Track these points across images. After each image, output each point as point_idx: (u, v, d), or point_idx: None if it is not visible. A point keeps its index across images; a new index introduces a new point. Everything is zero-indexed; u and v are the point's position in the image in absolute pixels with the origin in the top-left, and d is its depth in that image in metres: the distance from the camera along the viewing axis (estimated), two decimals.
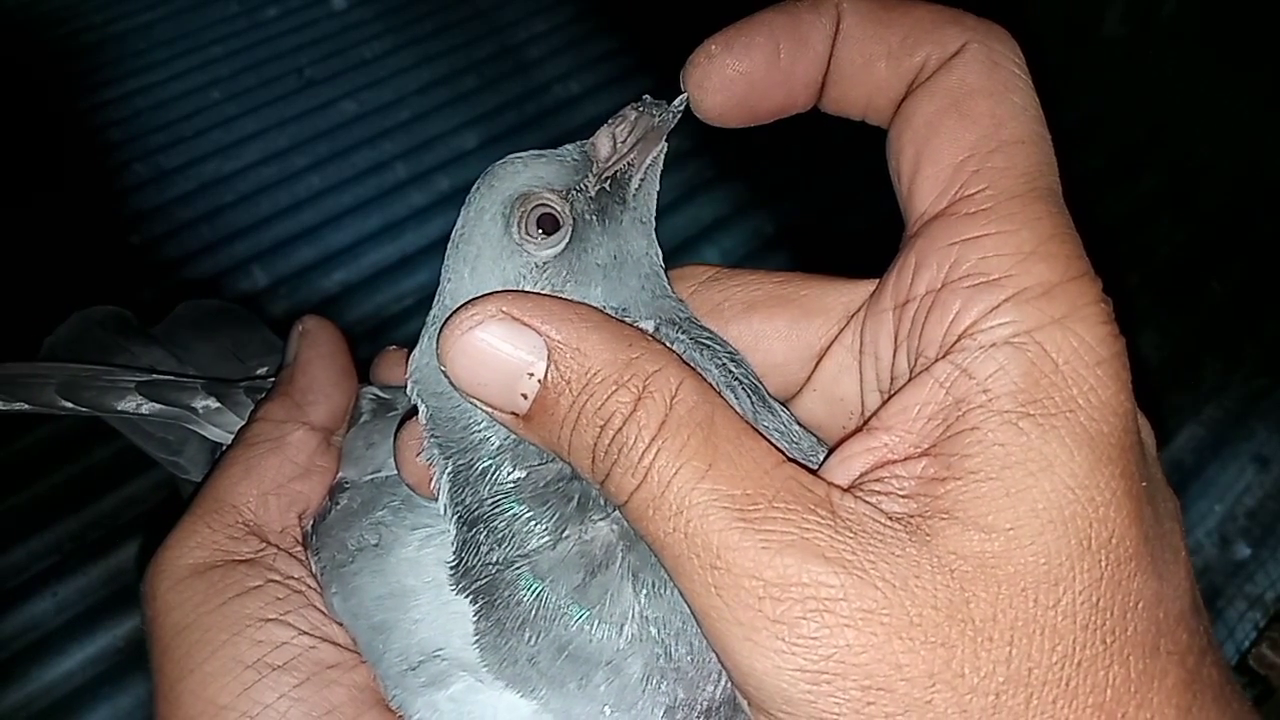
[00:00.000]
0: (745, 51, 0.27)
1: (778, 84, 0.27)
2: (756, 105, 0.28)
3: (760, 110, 0.28)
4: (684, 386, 0.24)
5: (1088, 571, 0.22)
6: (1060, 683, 0.21)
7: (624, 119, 0.29)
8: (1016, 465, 0.22)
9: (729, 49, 0.27)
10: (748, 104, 0.28)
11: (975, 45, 0.26)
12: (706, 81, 0.27)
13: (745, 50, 0.27)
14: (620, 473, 0.24)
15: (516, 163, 0.30)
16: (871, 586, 0.21)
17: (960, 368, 0.23)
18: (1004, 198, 0.24)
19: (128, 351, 0.44)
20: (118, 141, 1.19)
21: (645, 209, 0.30)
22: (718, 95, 0.27)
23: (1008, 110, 0.25)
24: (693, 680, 0.27)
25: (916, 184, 0.25)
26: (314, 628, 0.31)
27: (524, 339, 0.25)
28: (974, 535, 0.22)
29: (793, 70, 0.27)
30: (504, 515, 0.28)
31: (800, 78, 0.27)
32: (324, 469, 0.34)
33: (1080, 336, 0.23)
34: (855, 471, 0.24)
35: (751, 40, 0.27)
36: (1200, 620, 0.24)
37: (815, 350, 0.29)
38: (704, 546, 0.22)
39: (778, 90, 0.27)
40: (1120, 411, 0.23)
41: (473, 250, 0.30)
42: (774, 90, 0.27)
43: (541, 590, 0.27)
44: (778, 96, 0.27)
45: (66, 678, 0.78)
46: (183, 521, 0.33)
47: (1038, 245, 0.23)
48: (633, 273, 0.30)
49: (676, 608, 0.26)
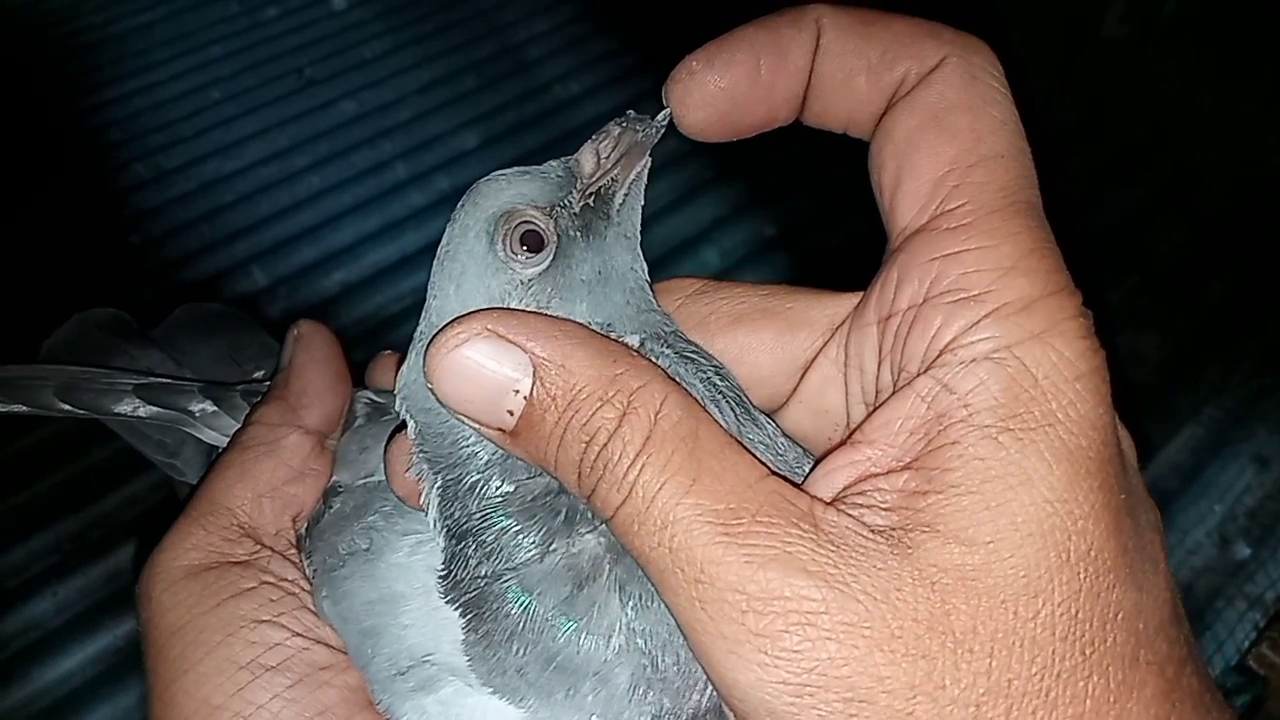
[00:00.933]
0: (726, 68, 0.27)
1: (759, 99, 0.27)
2: (738, 120, 0.28)
3: (742, 125, 0.28)
4: (668, 402, 0.24)
5: (1067, 584, 0.22)
6: (1040, 693, 0.21)
7: (607, 134, 0.29)
8: (996, 479, 0.22)
9: (710, 65, 0.27)
10: (730, 119, 0.28)
11: (954, 59, 0.26)
12: (688, 98, 0.27)
13: (726, 66, 0.27)
14: (606, 488, 0.24)
15: (500, 180, 0.30)
16: (853, 600, 0.21)
17: (941, 383, 0.23)
18: (984, 212, 0.24)
19: (126, 354, 0.44)
20: (118, 141, 1.19)
21: (630, 224, 0.30)
22: (700, 111, 0.28)
23: (987, 124, 0.25)
24: (679, 690, 0.27)
25: (898, 199, 0.26)
26: (307, 629, 0.31)
27: (509, 356, 0.25)
28: (954, 548, 0.22)
29: (773, 85, 0.27)
30: (492, 529, 0.28)
31: (781, 93, 0.27)
32: (318, 472, 0.35)
33: (1059, 351, 0.23)
34: (839, 485, 0.24)
35: (732, 56, 0.27)
36: (1181, 630, 0.24)
37: (801, 363, 0.30)
38: (688, 561, 0.22)
39: (759, 105, 0.27)
40: (1099, 425, 0.23)
41: (458, 267, 0.30)
42: (755, 105, 0.27)
43: (529, 603, 0.27)
44: (759, 111, 0.28)
45: (66, 678, 0.78)
46: (178, 523, 0.33)
47: (1018, 260, 0.23)
48: (618, 288, 0.30)
49: (663, 619, 0.26)
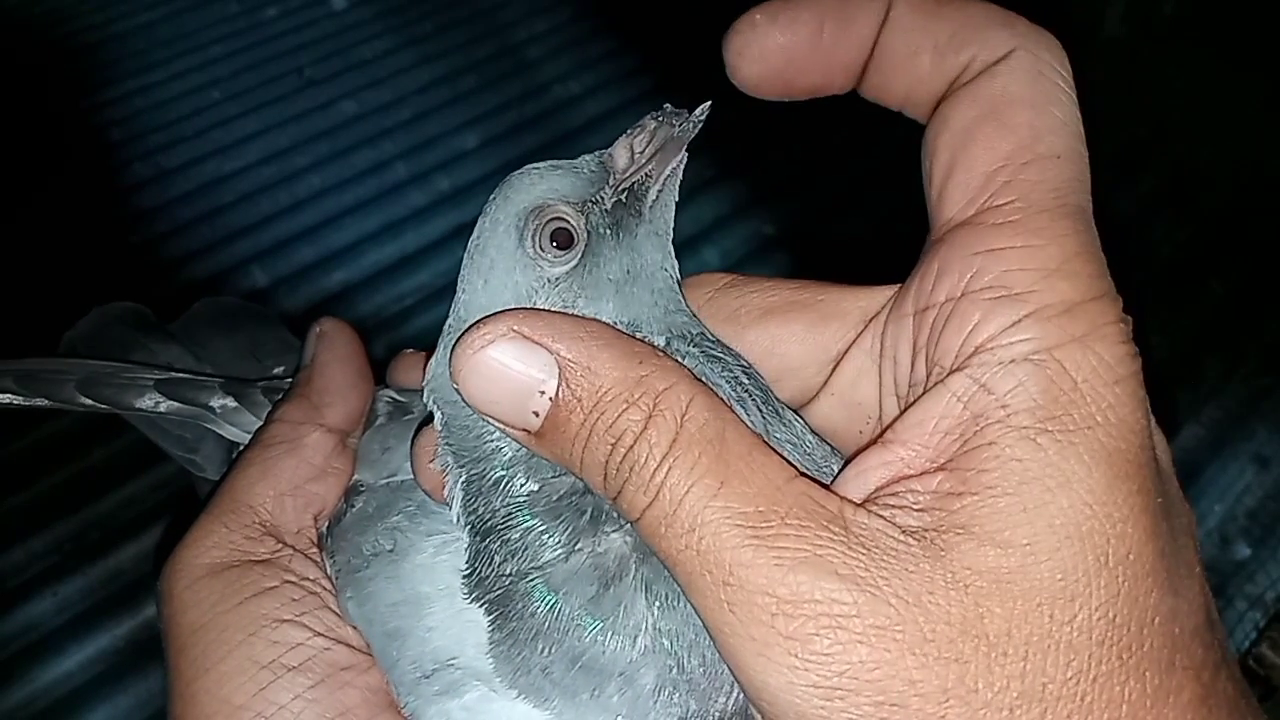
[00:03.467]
0: (789, 25, 0.27)
1: (817, 63, 0.27)
2: (793, 81, 0.27)
3: (796, 86, 0.27)
4: (695, 403, 0.24)
5: (1104, 587, 0.21)
6: (1075, 698, 0.21)
7: (643, 129, 0.29)
8: (1034, 481, 0.22)
9: (774, 20, 0.27)
10: (785, 78, 0.27)
11: (1022, 52, 0.25)
12: (746, 50, 0.27)
13: (789, 24, 0.27)
14: (632, 490, 0.24)
15: (533, 174, 0.29)
16: (884, 603, 0.21)
17: (979, 382, 0.23)
18: (1032, 211, 0.24)
19: (146, 348, 0.44)
20: (118, 141, 1.19)
21: (662, 221, 0.30)
22: (755, 65, 0.27)
23: (1047, 123, 0.25)
24: (705, 692, 0.27)
25: (947, 189, 0.25)
26: (329, 629, 0.31)
27: (535, 357, 0.25)
28: (989, 550, 0.22)
29: (834, 51, 0.27)
30: (517, 527, 0.28)
31: (841, 59, 0.27)
32: (340, 471, 0.35)
33: (1099, 355, 0.22)
34: (870, 485, 0.24)
35: (797, 15, 0.27)
36: (1216, 634, 0.24)
37: (832, 354, 0.29)
38: (717, 564, 0.22)
39: (816, 69, 0.27)
40: (1137, 429, 0.23)
41: (486, 262, 0.29)
42: (813, 68, 0.27)
43: (555, 602, 0.27)
44: (815, 75, 0.27)
45: (66, 678, 0.78)
46: (200, 521, 0.33)
47: (1062, 262, 0.23)
48: (646, 287, 0.29)
49: (689, 620, 0.26)
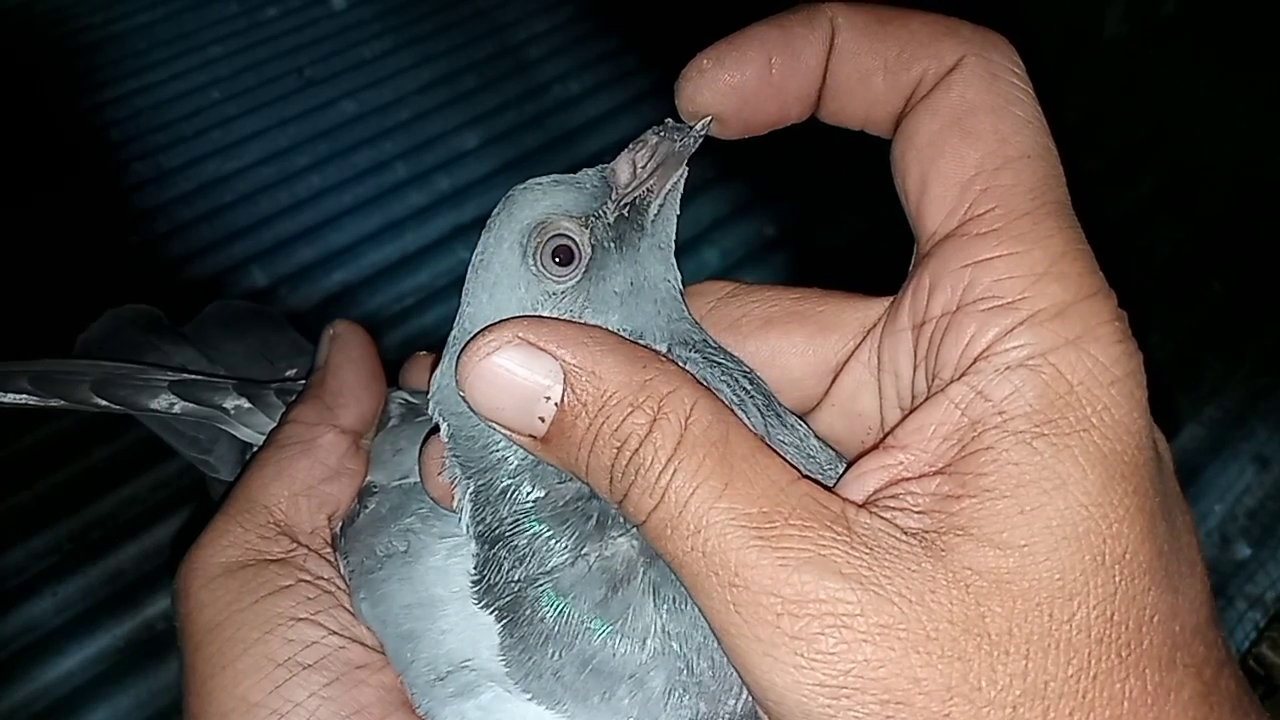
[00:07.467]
0: (736, 65, 0.27)
1: (770, 97, 0.27)
2: (750, 118, 0.28)
3: (753, 123, 0.28)
4: (698, 406, 0.24)
5: (1102, 586, 0.22)
6: (1076, 695, 0.21)
7: (644, 144, 0.29)
8: (1031, 483, 0.22)
9: (721, 63, 0.27)
10: (740, 117, 0.28)
11: (972, 58, 0.25)
12: (699, 96, 0.27)
13: (737, 64, 0.27)
14: (638, 493, 0.24)
15: (536, 189, 0.30)
16: (888, 602, 0.22)
17: (975, 389, 0.23)
18: (1013, 216, 0.24)
19: (159, 350, 0.45)
20: (118, 141, 1.19)
21: (664, 234, 0.30)
22: (710, 109, 0.28)
23: (1010, 125, 0.25)
24: (714, 694, 0.27)
25: (924, 204, 0.25)
26: (343, 628, 0.31)
27: (540, 363, 0.25)
28: (989, 551, 0.22)
29: (785, 84, 0.27)
30: (524, 534, 0.28)
31: (793, 91, 0.27)
32: (353, 472, 0.35)
33: (1094, 357, 0.23)
34: (870, 488, 0.24)
35: (743, 54, 0.27)
36: (1218, 632, 0.24)
37: (832, 365, 0.30)
38: (722, 565, 0.22)
39: (770, 103, 0.27)
40: (1134, 429, 0.23)
41: (491, 277, 0.30)
42: (767, 104, 0.27)
43: (564, 607, 0.27)
44: (771, 109, 0.28)
45: (66, 678, 0.78)
46: (215, 521, 0.33)
47: (1050, 265, 0.23)
48: (649, 298, 0.29)
49: (697, 623, 0.26)
